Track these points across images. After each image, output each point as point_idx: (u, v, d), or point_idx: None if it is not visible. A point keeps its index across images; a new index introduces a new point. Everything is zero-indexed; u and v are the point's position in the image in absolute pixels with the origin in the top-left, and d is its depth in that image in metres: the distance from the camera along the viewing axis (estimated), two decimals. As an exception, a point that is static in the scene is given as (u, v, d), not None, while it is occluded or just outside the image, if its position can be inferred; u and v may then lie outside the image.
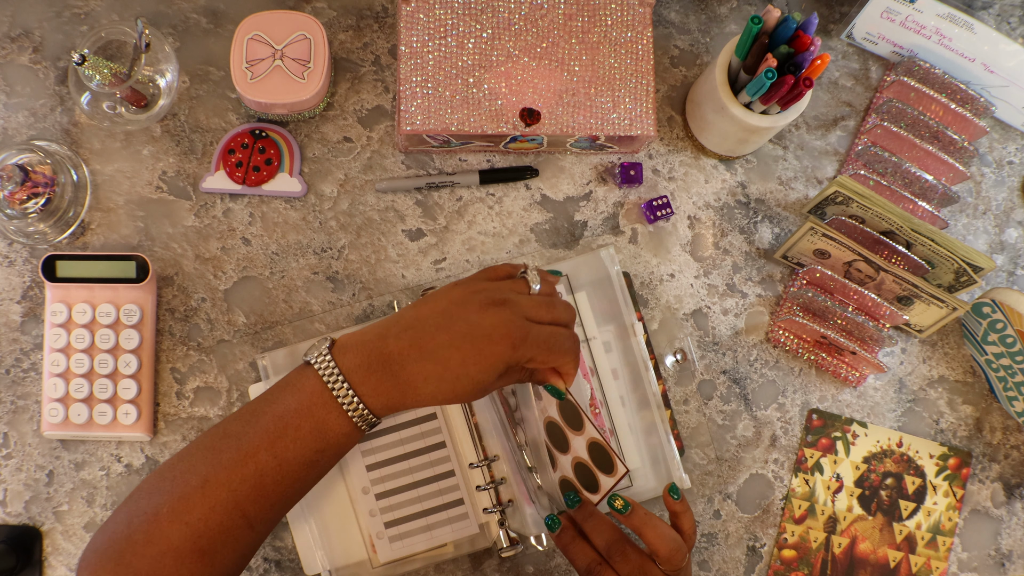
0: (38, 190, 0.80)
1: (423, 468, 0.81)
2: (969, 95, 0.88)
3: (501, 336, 0.63)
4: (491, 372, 0.64)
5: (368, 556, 0.81)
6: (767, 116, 0.80)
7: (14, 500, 0.82)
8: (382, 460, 0.81)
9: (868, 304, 0.84)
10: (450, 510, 0.81)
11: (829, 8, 0.92)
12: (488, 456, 0.82)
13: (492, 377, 0.64)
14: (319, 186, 0.86)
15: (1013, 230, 0.91)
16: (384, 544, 0.80)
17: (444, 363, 0.63)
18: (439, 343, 0.63)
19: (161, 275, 0.84)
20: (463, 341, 0.63)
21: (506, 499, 0.81)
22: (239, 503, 0.62)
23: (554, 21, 0.81)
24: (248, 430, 0.63)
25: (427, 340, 0.63)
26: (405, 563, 0.81)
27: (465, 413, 0.82)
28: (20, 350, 0.83)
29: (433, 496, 0.81)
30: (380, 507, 0.81)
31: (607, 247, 0.85)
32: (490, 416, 0.82)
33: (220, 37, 0.87)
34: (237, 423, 0.64)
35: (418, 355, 0.63)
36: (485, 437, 0.82)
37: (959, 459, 0.88)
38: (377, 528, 0.81)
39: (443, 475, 0.82)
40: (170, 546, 0.60)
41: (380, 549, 0.80)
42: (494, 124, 0.80)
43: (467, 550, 0.82)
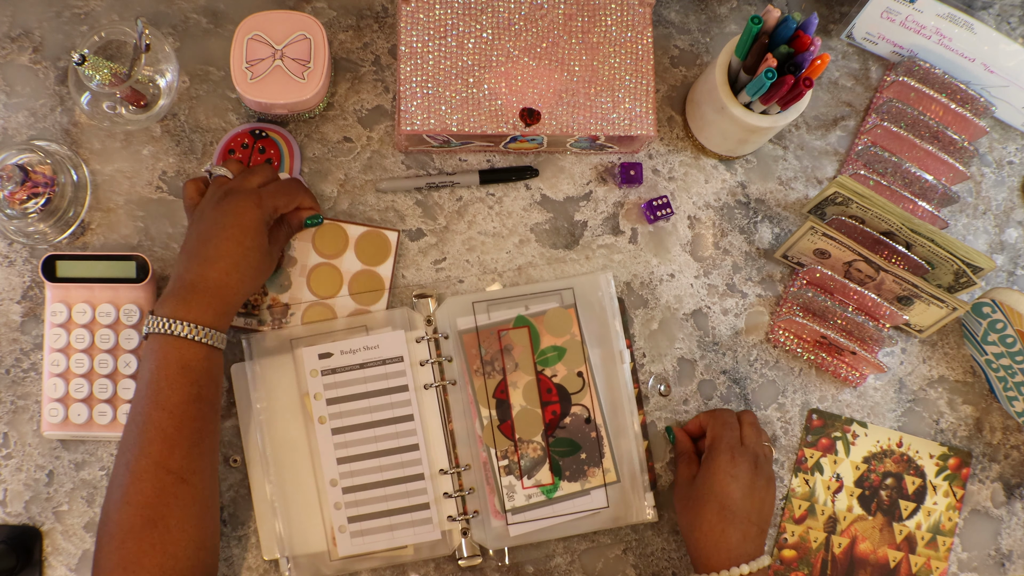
0: (38, 190, 0.80)
1: (393, 468, 0.81)
2: (969, 95, 0.88)
3: (243, 208, 0.75)
4: (259, 235, 0.75)
5: (328, 548, 0.81)
6: (767, 116, 0.80)
7: (14, 500, 0.82)
8: (354, 455, 0.81)
9: (868, 304, 0.84)
10: (414, 513, 0.81)
11: (829, 8, 0.92)
12: (459, 464, 0.82)
13: (263, 238, 0.76)
14: (319, 186, 0.86)
15: (1013, 230, 0.91)
16: (345, 538, 0.80)
17: (227, 254, 0.74)
18: (214, 246, 0.74)
19: (161, 275, 0.84)
20: (224, 230, 0.74)
21: (472, 510, 0.82)
22: (159, 462, 0.69)
23: (554, 21, 0.81)
24: (136, 405, 0.71)
25: (206, 251, 0.74)
26: (363, 560, 0.81)
27: (442, 418, 0.82)
28: (20, 350, 0.83)
29: (399, 497, 0.81)
30: (346, 501, 0.81)
31: (607, 272, 0.85)
32: (466, 424, 0.83)
33: (220, 37, 0.87)
34: (130, 409, 0.72)
35: (208, 265, 0.74)
36: (459, 445, 0.82)
37: (959, 459, 0.88)
38: (340, 521, 0.81)
39: (412, 477, 0.81)
40: (126, 529, 0.68)
41: (340, 543, 0.80)
42: (494, 124, 0.80)
43: (427, 555, 0.82)
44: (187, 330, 0.71)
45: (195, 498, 0.70)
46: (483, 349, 0.83)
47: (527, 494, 0.82)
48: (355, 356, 0.82)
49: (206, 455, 0.72)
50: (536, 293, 0.85)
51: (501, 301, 0.84)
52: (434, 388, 0.83)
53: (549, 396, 0.83)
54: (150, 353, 0.72)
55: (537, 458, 0.83)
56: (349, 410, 0.82)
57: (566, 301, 0.85)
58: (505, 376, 0.83)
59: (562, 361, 0.84)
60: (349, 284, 0.84)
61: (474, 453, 0.82)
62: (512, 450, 0.82)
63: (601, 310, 0.85)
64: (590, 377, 0.84)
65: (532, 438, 0.83)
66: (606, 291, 0.85)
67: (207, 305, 0.73)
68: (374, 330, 0.83)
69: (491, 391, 0.83)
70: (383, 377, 0.82)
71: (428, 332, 0.83)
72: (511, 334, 0.84)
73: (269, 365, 0.82)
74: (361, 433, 0.82)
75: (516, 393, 0.83)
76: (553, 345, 0.84)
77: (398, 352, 0.82)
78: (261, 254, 0.76)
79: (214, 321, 0.73)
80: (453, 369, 0.83)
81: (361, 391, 0.82)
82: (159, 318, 0.72)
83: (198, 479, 0.71)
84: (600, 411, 0.84)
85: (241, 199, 0.75)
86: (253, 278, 0.76)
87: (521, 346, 0.84)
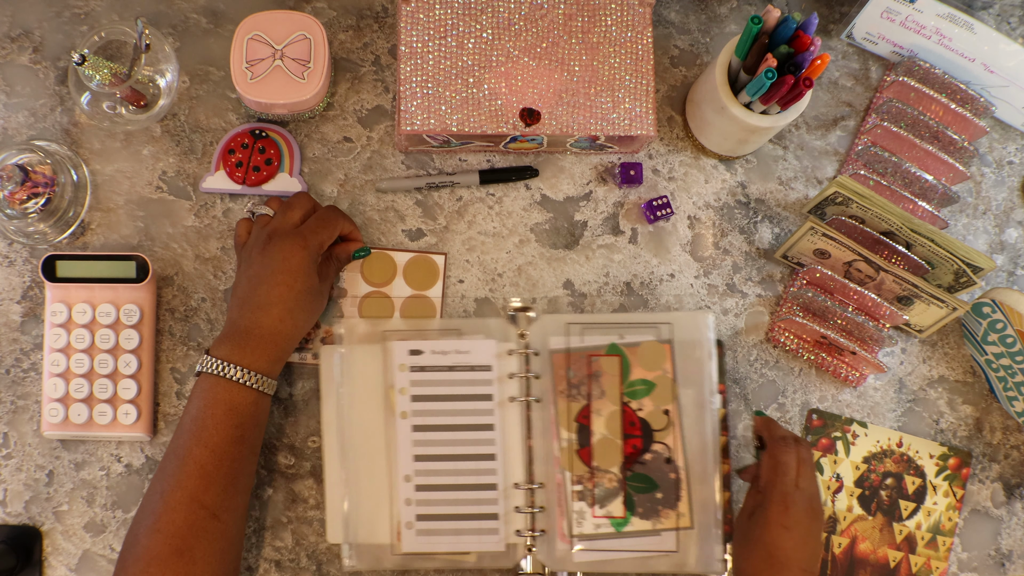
0: (38, 190, 0.80)
1: (468, 473, 0.81)
2: (969, 95, 0.88)
3: (290, 251, 0.76)
4: (309, 276, 0.77)
5: (392, 542, 0.81)
6: (767, 116, 0.80)
7: (14, 500, 0.82)
8: (431, 454, 0.81)
9: (868, 304, 0.84)
10: (482, 521, 0.81)
11: (829, 8, 0.92)
12: (534, 481, 0.82)
13: (313, 279, 0.77)
14: (319, 186, 0.86)
15: (1013, 230, 0.91)
16: (411, 535, 0.80)
17: (279, 299, 0.75)
18: (265, 293, 0.75)
19: (161, 275, 0.84)
20: (274, 275, 0.75)
21: (539, 528, 0.81)
22: (195, 497, 0.71)
23: (554, 21, 0.81)
24: (179, 439, 0.73)
25: (258, 298, 0.75)
26: (425, 559, 0.81)
27: (522, 433, 0.82)
28: (20, 350, 0.83)
29: (470, 503, 0.81)
30: (417, 498, 0.81)
31: (710, 312, 0.84)
32: (545, 444, 0.82)
33: (220, 37, 0.87)
34: (171, 441, 0.74)
35: (262, 312, 0.75)
36: (536, 462, 0.82)
37: (959, 459, 0.88)
38: (408, 517, 0.81)
39: (485, 486, 0.81)
40: (152, 555, 0.69)
41: (405, 538, 0.80)
42: (494, 124, 0.80)
43: (488, 565, 0.82)
44: (240, 374, 0.73)
45: (224, 534, 0.72)
46: (572, 371, 0.83)
47: (596, 523, 0.82)
48: (445, 358, 0.82)
49: (240, 494, 0.74)
50: (633, 323, 0.84)
51: (596, 326, 0.83)
52: (518, 402, 0.82)
53: (632, 429, 0.82)
54: (200, 391, 0.74)
55: (611, 489, 0.82)
56: (432, 409, 0.82)
57: (663, 335, 0.83)
58: (590, 402, 0.82)
59: (650, 396, 0.83)
60: (401, 310, 0.85)
61: (549, 473, 0.82)
62: (587, 477, 0.82)
63: (698, 350, 0.83)
64: (677, 417, 0.82)
65: (609, 468, 0.82)
66: (705, 331, 0.83)
67: (262, 351, 0.75)
68: (467, 335, 0.83)
69: (574, 414, 0.82)
70: (469, 383, 0.82)
71: (520, 346, 0.83)
72: (602, 361, 0.83)
73: (359, 353, 0.83)
74: (441, 434, 0.81)
75: (599, 421, 0.82)
76: (643, 379, 0.83)
77: (487, 361, 0.82)
78: (313, 295, 0.78)
79: (268, 367, 0.75)
80: (539, 386, 0.83)
81: (446, 393, 0.82)
82: (214, 359, 0.74)
83: (229, 516, 0.73)
84: (683, 453, 0.82)
85: (287, 242, 0.76)
86: (307, 320, 0.78)
87: (610, 374, 0.83)
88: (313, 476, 0.84)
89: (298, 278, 0.76)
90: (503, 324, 0.83)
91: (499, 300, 0.86)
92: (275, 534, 0.83)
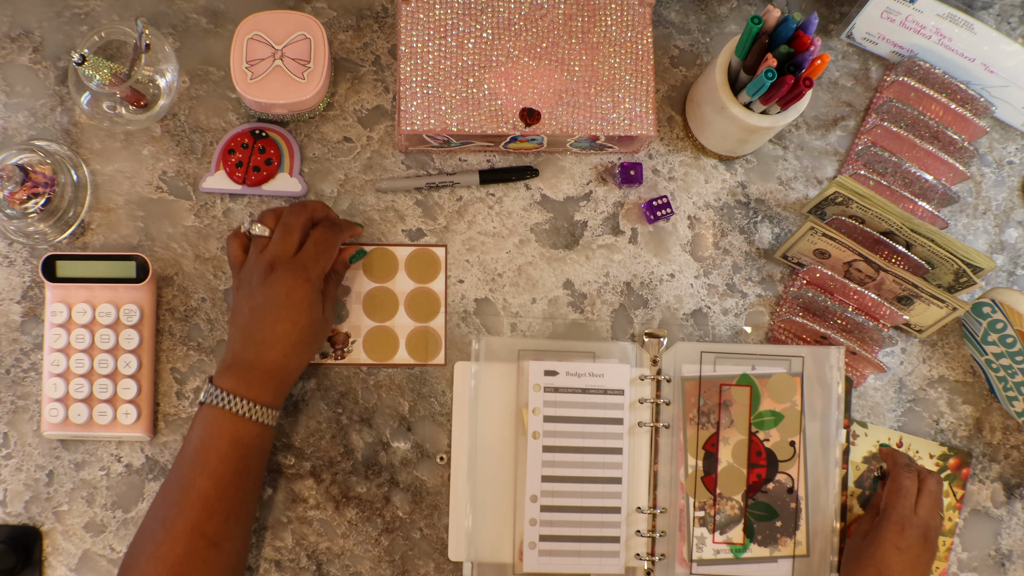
0: (38, 190, 0.80)
1: (593, 496, 0.82)
2: (969, 95, 0.88)
3: (293, 286, 0.75)
4: (313, 309, 0.76)
5: (513, 561, 0.82)
6: (767, 116, 0.80)
7: (14, 500, 0.82)
8: (559, 475, 0.82)
9: (868, 304, 0.84)
10: (604, 544, 0.82)
11: (829, 8, 0.92)
12: (657, 506, 0.82)
13: (317, 309, 0.77)
14: (319, 186, 0.86)
15: (1013, 230, 0.91)
16: (533, 555, 0.81)
17: (284, 336, 0.75)
18: (270, 329, 0.75)
19: (161, 275, 0.84)
20: (278, 311, 0.75)
21: (660, 552, 0.82)
22: (196, 526, 0.71)
23: (554, 21, 0.81)
24: (182, 468, 0.73)
25: (263, 334, 0.75)
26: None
27: (649, 458, 0.83)
28: (20, 350, 0.83)
29: (593, 525, 0.82)
30: (542, 518, 0.81)
31: (840, 348, 0.84)
32: (671, 469, 0.83)
33: (220, 37, 0.87)
34: (174, 468, 0.74)
35: (266, 348, 0.75)
36: (660, 487, 0.83)
37: (959, 459, 0.88)
38: (532, 537, 0.81)
39: (609, 509, 0.82)
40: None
41: (527, 558, 0.81)
42: (494, 124, 0.80)
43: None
44: (245, 408, 0.73)
45: (224, 564, 0.72)
46: (702, 399, 0.84)
47: (716, 549, 0.82)
48: (579, 380, 0.82)
49: (242, 524, 0.74)
50: (765, 355, 0.85)
51: (729, 356, 0.84)
52: (648, 428, 0.83)
53: (758, 459, 0.83)
54: (203, 421, 0.73)
55: (733, 516, 0.83)
56: (563, 431, 0.82)
57: (794, 369, 0.85)
58: (718, 430, 0.83)
59: (777, 427, 0.84)
60: (405, 304, 0.85)
61: (673, 498, 0.83)
62: (710, 503, 0.83)
63: (826, 385, 0.84)
64: (802, 448, 0.84)
65: (732, 496, 0.83)
66: (835, 367, 0.84)
67: (267, 385, 0.75)
68: (601, 358, 0.84)
69: (702, 442, 0.83)
70: (601, 406, 0.82)
71: (652, 372, 0.84)
72: (732, 390, 0.84)
73: (493, 370, 0.83)
74: (570, 456, 0.82)
75: (726, 449, 0.83)
76: (772, 410, 0.84)
77: (620, 385, 0.83)
78: (317, 327, 0.77)
79: (272, 400, 0.75)
80: (669, 413, 0.84)
81: (578, 415, 0.82)
82: (218, 390, 0.73)
83: (230, 545, 0.73)
84: (804, 483, 0.83)
85: (289, 275, 0.75)
86: (311, 352, 0.79)
87: (740, 404, 0.84)
88: (313, 476, 0.84)
89: (302, 313, 0.75)
90: (637, 349, 0.84)
91: (499, 300, 0.86)
92: (275, 534, 0.83)
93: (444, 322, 0.86)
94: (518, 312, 0.86)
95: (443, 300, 0.86)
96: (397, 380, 0.85)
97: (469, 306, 0.86)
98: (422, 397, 0.85)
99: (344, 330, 0.85)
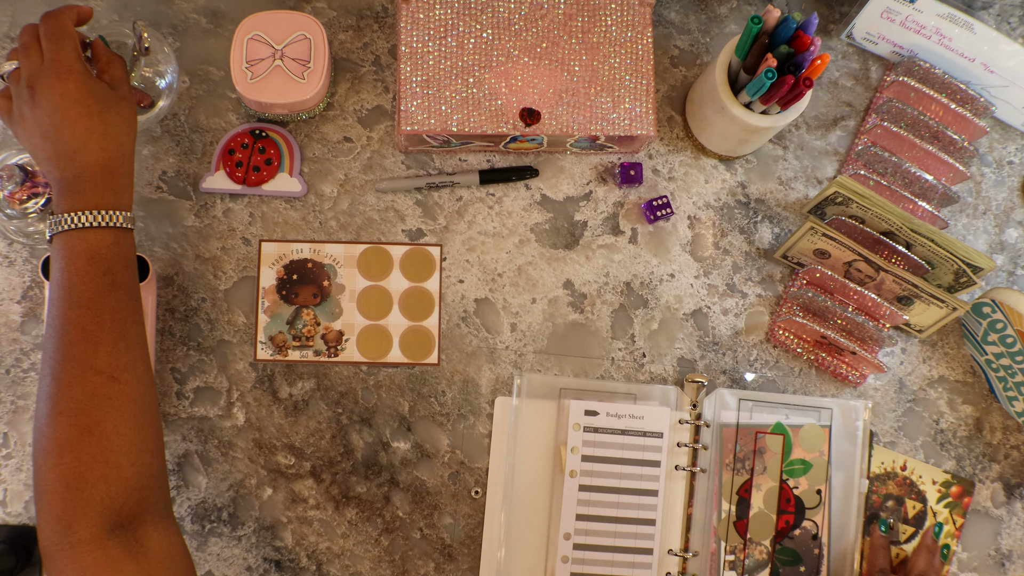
0: (38, 190, 0.80)
1: (627, 536, 0.82)
2: (969, 95, 0.88)
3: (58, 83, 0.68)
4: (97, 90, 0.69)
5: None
6: (767, 116, 0.80)
7: (14, 500, 0.82)
8: (594, 515, 0.82)
9: (868, 304, 0.84)
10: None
11: (829, 8, 0.92)
12: (688, 549, 0.83)
13: (103, 90, 0.70)
14: (319, 186, 0.86)
15: (1013, 230, 0.91)
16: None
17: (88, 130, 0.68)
18: (71, 135, 0.68)
19: (161, 275, 0.84)
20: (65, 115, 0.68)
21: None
22: (85, 363, 0.65)
23: (554, 21, 0.81)
24: (52, 309, 0.67)
25: (67, 145, 0.69)
26: None
27: (684, 502, 0.84)
28: (20, 350, 0.83)
29: (625, 566, 0.82)
30: (574, 556, 0.82)
31: (867, 401, 0.87)
32: (705, 513, 0.84)
33: (220, 37, 0.87)
34: (46, 320, 0.68)
35: (80, 155, 0.69)
36: (693, 531, 0.83)
37: (962, 487, 0.88)
38: (563, 574, 0.81)
39: (642, 550, 0.82)
40: (61, 442, 0.63)
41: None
42: (494, 124, 0.80)
43: None
44: (89, 218, 0.67)
45: (129, 397, 0.66)
46: (739, 446, 0.85)
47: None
48: (619, 421, 0.83)
49: (134, 348, 0.68)
50: (799, 405, 0.87)
51: (765, 404, 0.86)
52: (684, 471, 0.84)
53: (787, 506, 0.85)
54: (57, 253, 0.68)
55: (761, 561, 0.84)
56: (601, 471, 0.83)
57: (823, 420, 0.86)
58: (752, 477, 0.85)
59: (806, 475, 0.85)
60: (399, 303, 0.85)
61: (705, 542, 0.84)
62: (741, 548, 0.84)
63: (852, 437, 0.86)
64: (827, 496, 0.85)
65: (761, 541, 0.84)
66: (862, 420, 0.86)
67: (102, 187, 0.69)
68: (642, 400, 0.85)
69: (736, 487, 0.85)
70: (640, 448, 0.83)
71: (691, 416, 0.85)
72: (767, 439, 0.86)
73: (534, 407, 0.84)
74: (606, 496, 0.83)
75: (758, 495, 0.85)
76: (802, 459, 0.86)
77: (660, 428, 0.83)
78: (113, 104, 0.71)
79: (114, 199, 0.69)
80: (706, 458, 0.85)
81: (616, 456, 0.83)
82: (60, 216, 0.68)
83: (129, 375, 0.67)
84: (828, 530, 0.85)
85: (51, 80, 0.68)
86: (127, 132, 0.72)
87: (773, 452, 0.85)
88: (313, 476, 0.84)
89: (90, 101, 0.69)
90: (677, 393, 0.85)
91: (499, 300, 0.86)
92: (275, 534, 0.83)
93: (438, 321, 0.86)
94: (518, 312, 0.86)
95: (437, 300, 0.86)
96: (397, 380, 0.85)
97: (469, 306, 0.86)
98: (422, 397, 0.85)
99: (338, 328, 0.85)
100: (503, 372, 0.86)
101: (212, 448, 0.83)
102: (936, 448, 0.88)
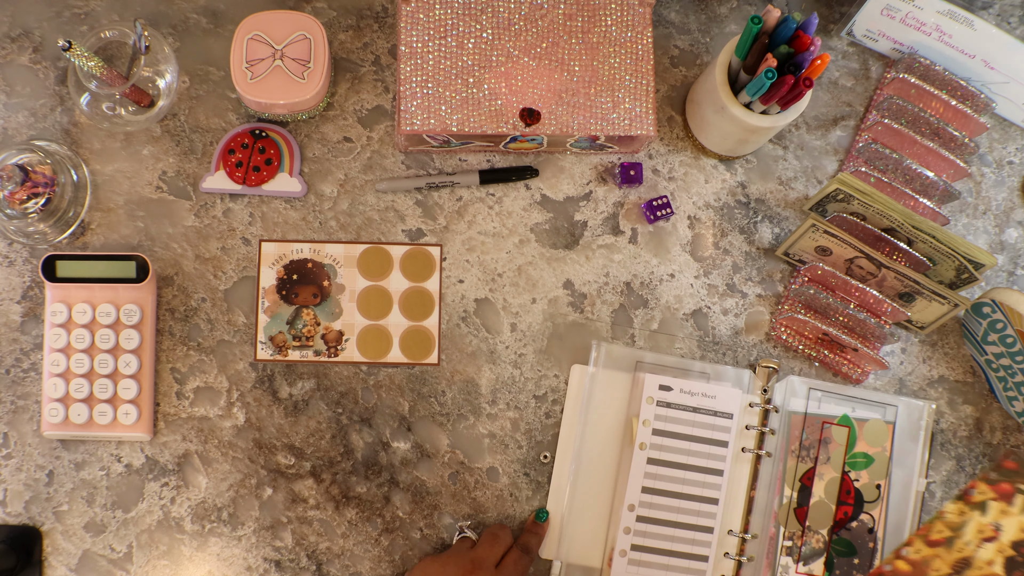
0: (38, 190, 0.80)
1: (689, 513, 0.83)
2: (969, 91, 0.88)
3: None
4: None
5: (602, 567, 0.83)
6: (767, 116, 0.80)
7: (14, 500, 0.82)
8: (659, 488, 0.83)
9: (870, 301, 0.84)
10: (692, 561, 0.83)
11: (829, 8, 0.92)
12: (748, 531, 0.84)
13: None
14: (319, 186, 0.86)
15: (1013, 230, 0.91)
16: (622, 563, 0.82)
17: None
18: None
19: (161, 275, 0.84)
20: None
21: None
22: None
23: (554, 21, 0.81)
24: None
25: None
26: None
27: (748, 484, 0.84)
28: (20, 350, 0.83)
29: (684, 542, 0.83)
30: (636, 528, 0.82)
31: (932, 404, 0.87)
32: (767, 497, 0.84)
33: (220, 37, 0.87)
34: None
35: None
36: (754, 513, 0.84)
37: None
38: (624, 545, 0.82)
39: (702, 528, 0.83)
40: None
41: (616, 566, 0.82)
42: (494, 124, 0.80)
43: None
44: None
45: None
46: (805, 434, 0.86)
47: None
48: (692, 398, 0.84)
49: None
50: (866, 400, 0.87)
51: (833, 395, 0.87)
52: (751, 454, 0.85)
53: (846, 497, 0.86)
54: None
55: (817, 549, 0.85)
56: (670, 446, 0.83)
57: (888, 416, 0.87)
58: (816, 465, 0.86)
59: (867, 469, 0.86)
60: (399, 303, 0.85)
61: (764, 526, 0.84)
62: (799, 535, 0.85)
63: (915, 436, 0.87)
64: (886, 492, 0.86)
65: (819, 529, 0.85)
66: (926, 420, 0.87)
67: None
68: (715, 380, 0.85)
69: (800, 475, 0.85)
70: (710, 427, 0.84)
71: (762, 400, 0.85)
72: (833, 429, 0.86)
73: (609, 378, 0.85)
74: (672, 471, 0.83)
75: (819, 484, 0.85)
76: (865, 452, 0.86)
77: (731, 409, 0.84)
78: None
79: None
80: (772, 442, 0.85)
81: (686, 432, 0.84)
82: None
83: None
84: (884, 526, 0.86)
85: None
86: None
87: (838, 443, 0.86)
88: (313, 476, 0.83)
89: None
90: (751, 376, 0.86)
91: (499, 300, 0.86)
92: (275, 534, 0.83)
93: (438, 322, 0.85)
94: (518, 312, 0.86)
95: (437, 300, 0.86)
96: (397, 380, 0.85)
97: (469, 306, 0.86)
98: (422, 397, 0.85)
99: (338, 328, 0.85)
100: (503, 372, 0.85)
101: (212, 448, 0.83)
102: (936, 448, 0.88)
